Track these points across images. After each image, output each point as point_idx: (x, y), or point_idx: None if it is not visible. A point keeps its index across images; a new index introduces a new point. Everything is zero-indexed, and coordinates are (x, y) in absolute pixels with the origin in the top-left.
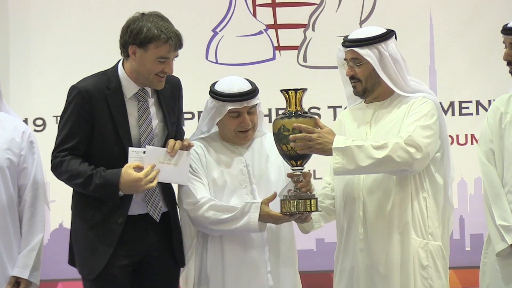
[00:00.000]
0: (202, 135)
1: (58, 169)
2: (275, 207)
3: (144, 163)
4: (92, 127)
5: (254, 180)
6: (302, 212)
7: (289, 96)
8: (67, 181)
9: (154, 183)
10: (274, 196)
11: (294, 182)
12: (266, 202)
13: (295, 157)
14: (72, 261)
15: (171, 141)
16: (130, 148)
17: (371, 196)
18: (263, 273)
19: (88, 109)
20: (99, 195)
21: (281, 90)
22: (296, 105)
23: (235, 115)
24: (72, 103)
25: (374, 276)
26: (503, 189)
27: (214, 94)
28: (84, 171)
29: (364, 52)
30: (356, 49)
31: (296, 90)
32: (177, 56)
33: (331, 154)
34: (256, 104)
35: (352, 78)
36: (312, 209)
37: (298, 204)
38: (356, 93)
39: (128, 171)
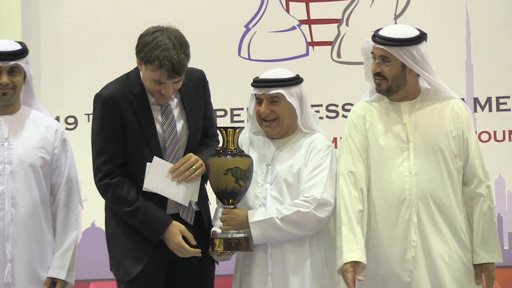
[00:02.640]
0: (253, 130)
1: (105, 192)
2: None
3: (149, 173)
4: (125, 133)
5: (270, 180)
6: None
7: (228, 134)
8: (112, 204)
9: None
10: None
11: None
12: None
13: (234, 195)
14: (110, 267)
15: (181, 161)
16: (148, 165)
17: (433, 197)
18: (263, 274)
19: (116, 115)
20: (139, 229)
21: (219, 128)
22: (232, 143)
23: (258, 102)
24: (100, 111)
25: (437, 282)
26: None
27: (253, 81)
28: (133, 200)
29: (396, 52)
30: (387, 48)
31: (234, 129)
32: (178, 81)
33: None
34: (281, 96)
35: (378, 75)
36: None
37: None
38: (379, 90)
39: (178, 229)
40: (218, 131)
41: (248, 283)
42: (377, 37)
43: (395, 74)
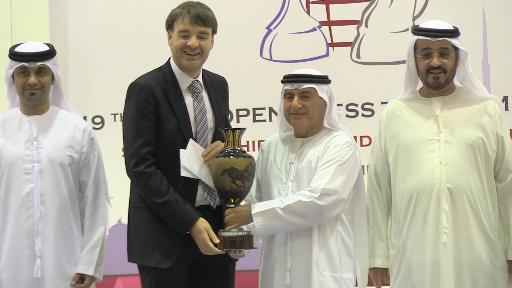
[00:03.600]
0: (283, 131)
1: (138, 179)
2: None
3: (186, 155)
4: (157, 120)
5: (292, 176)
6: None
7: (227, 135)
8: (143, 190)
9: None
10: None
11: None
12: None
13: (236, 195)
14: (131, 258)
15: (212, 146)
16: (181, 151)
17: (458, 190)
18: (282, 270)
19: (152, 102)
20: (167, 221)
21: (220, 129)
22: (235, 144)
23: (289, 97)
24: (136, 98)
25: (461, 271)
26: None
27: (283, 78)
28: (165, 192)
29: (458, 42)
30: (450, 39)
31: (234, 130)
32: (205, 34)
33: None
34: (314, 90)
35: (438, 68)
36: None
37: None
38: (436, 84)
39: (203, 227)
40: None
41: (270, 277)
42: (434, 32)
43: (452, 66)
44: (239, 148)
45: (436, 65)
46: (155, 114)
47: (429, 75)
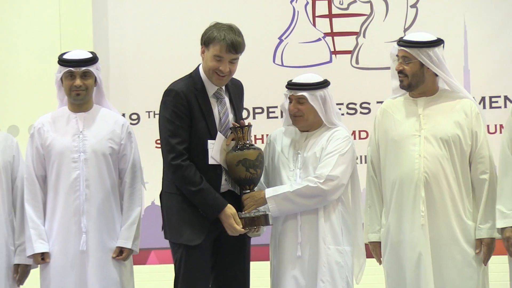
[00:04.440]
0: (286, 125)
1: (176, 171)
2: None
3: (214, 146)
4: (190, 121)
5: (299, 165)
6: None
7: (237, 131)
8: (179, 181)
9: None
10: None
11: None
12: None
13: (249, 182)
14: (165, 236)
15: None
16: (209, 142)
17: (434, 178)
18: (294, 243)
19: (186, 106)
20: (199, 207)
21: (232, 127)
22: (245, 138)
23: (290, 101)
24: (173, 102)
25: (437, 248)
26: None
27: (288, 83)
28: (199, 182)
29: (414, 53)
30: (408, 49)
31: (242, 128)
32: (236, 60)
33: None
34: (305, 98)
35: (400, 72)
36: (262, 224)
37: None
38: (402, 86)
39: (230, 213)
40: (231, 130)
41: (282, 250)
42: (400, 41)
43: (414, 72)
44: (248, 142)
45: (397, 69)
46: (188, 116)
47: (398, 78)
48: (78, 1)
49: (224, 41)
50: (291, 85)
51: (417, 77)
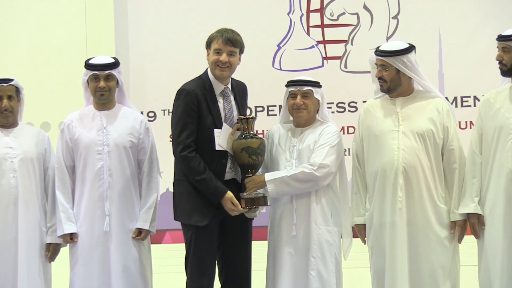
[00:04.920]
0: (283, 120)
1: (183, 162)
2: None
3: (220, 135)
4: (198, 117)
5: (295, 156)
6: (255, 207)
7: (245, 121)
8: (187, 170)
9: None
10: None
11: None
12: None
13: (252, 167)
14: (176, 217)
15: (237, 125)
16: (215, 131)
17: (410, 167)
18: (290, 224)
19: (196, 103)
20: (204, 192)
21: (238, 119)
22: (250, 129)
23: (292, 97)
24: (184, 101)
25: (414, 229)
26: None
27: (288, 82)
28: (203, 171)
29: (390, 61)
30: (384, 58)
31: (247, 119)
32: (234, 52)
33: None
34: (311, 92)
35: (380, 78)
36: (261, 204)
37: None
38: (382, 90)
39: (229, 197)
40: (237, 121)
41: (278, 230)
42: (377, 51)
43: (392, 77)
44: (252, 132)
45: (377, 76)
46: (197, 112)
47: (379, 83)
48: (102, 11)
49: (221, 36)
50: (298, 82)
51: (394, 81)
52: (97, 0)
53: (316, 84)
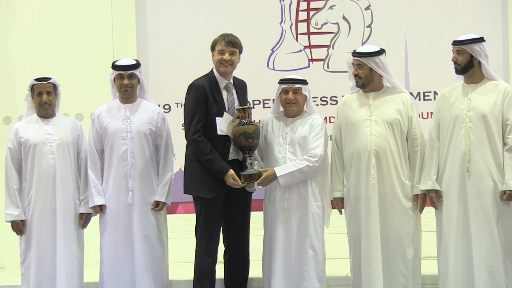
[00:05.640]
0: (275, 113)
1: (192, 144)
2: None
3: (222, 122)
4: (206, 107)
5: (288, 142)
6: (252, 181)
7: (242, 111)
8: (197, 151)
9: (235, 186)
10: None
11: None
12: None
13: (248, 148)
14: (186, 191)
15: (237, 114)
16: (217, 119)
17: (381, 150)
18: (282, 199)
19: (204, 96)
20: (210, 170)
21: (237, 109)
22: (246, 117)
23: (285, 92)
24: (194, 94)
25: (384, 201)
26: (433, 160)
27: (280, 80)
28: (210, 152)
29: (365, 61)
30: (360, 58)
31: (244, 109)
32: (234, 52)
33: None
34: (300, 88)
35: (356, 76)
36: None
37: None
38: (357, 86)
39: (231, 174)
40: (236, 110)
41: (273, 204)
42: (354, 53)
43: (366, 75)
44: (249, 119)
45: (354, 74)
46: (204, 103)
47: (355, 79)
48: (125, 20)
49: (224, 39)
50: (289, 80)
51: (368, 78)
52: (122, 11)
53: (305, 82)
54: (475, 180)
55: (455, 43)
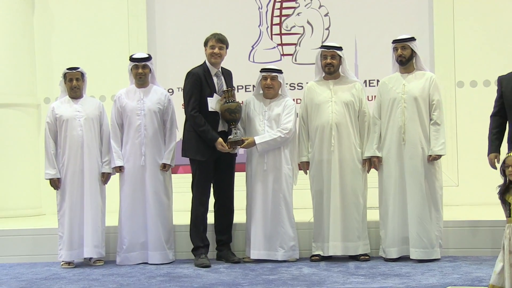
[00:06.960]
0: (255, 93)
1: (190, 118)
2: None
3: (212, 101)
4: (201, 90)
5: (266, 118)
6: (235, 146)
7: (227, 92)
8: (193, 124)
9: (224, 151)
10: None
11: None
12: (221, 142)
13: (232, 121)
14: (184, 155)
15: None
16: (208, 99)
17: (339, 124)
18: (261, 162)
19: (199, 81)
20: (203, 138)
21: (223, 91)
22: (230, 96)
23: (264, 79)
24: (191, 79)
25: (342, 163)
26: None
27: (261, 69)
28: (204, 124)
29: (340, 52)
30: (337, 51)
31: (228, 91)
32: (222, 47)
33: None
34: (276, 76)
35: (329, 64)
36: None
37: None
38: (329, 72)
39: (220, 141)
40: (222, 92)
41: (254, 166)
42: (330, 47)
43: (337, 64)
44: (232, 98)
45: (329, 63)
46: (199, 86)
47: (326, 68)
48: (138, 20)
49: (214, 37)
50: (268, 69)
51: (337, 67)
52: (136, 15)
53: (280, 71)
54: (409, 148)
55: (400, 41)
